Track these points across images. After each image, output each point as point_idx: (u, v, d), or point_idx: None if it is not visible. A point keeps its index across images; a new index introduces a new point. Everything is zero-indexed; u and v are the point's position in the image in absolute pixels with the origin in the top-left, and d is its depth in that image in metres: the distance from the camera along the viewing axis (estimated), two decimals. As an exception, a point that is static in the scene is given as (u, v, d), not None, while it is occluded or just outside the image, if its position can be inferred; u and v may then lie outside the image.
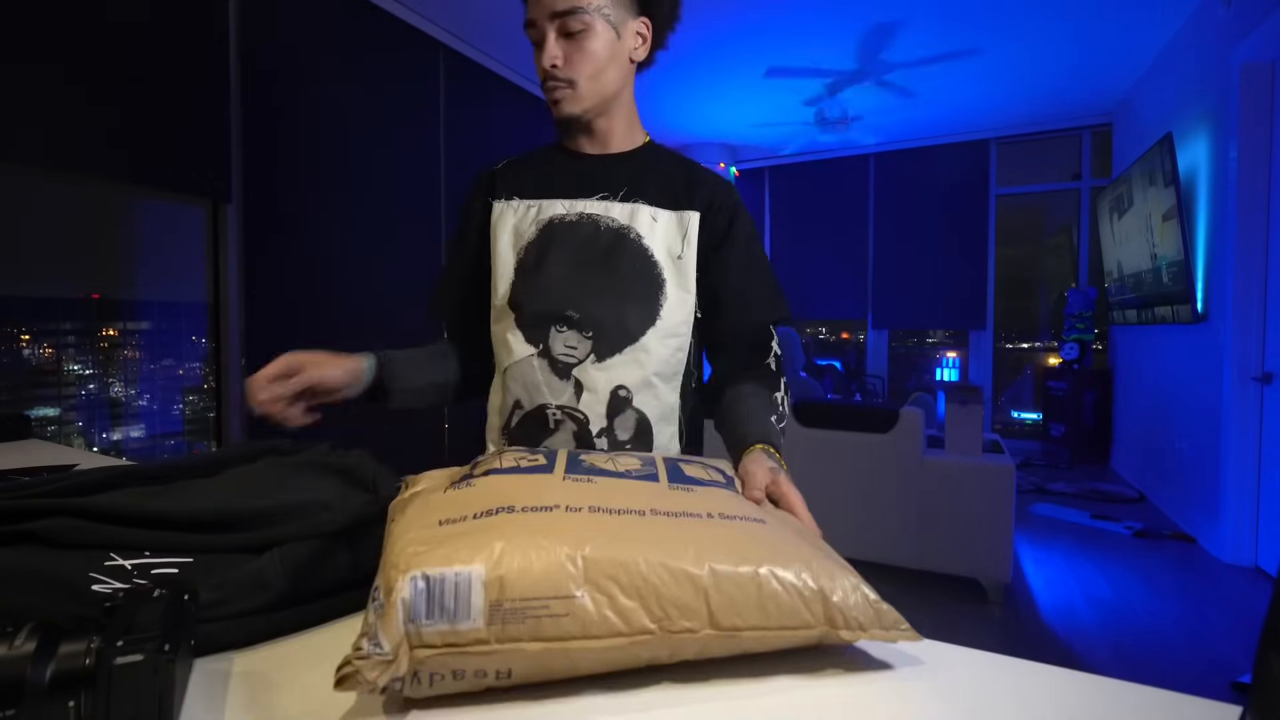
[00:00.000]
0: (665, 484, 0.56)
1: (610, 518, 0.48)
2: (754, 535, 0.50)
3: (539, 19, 0.82)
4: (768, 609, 0.45)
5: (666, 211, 0.89)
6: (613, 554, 0.44)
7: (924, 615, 2.32)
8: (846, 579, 0.48)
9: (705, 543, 0.47)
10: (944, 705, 0.42)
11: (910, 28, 3.54)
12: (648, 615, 0.43)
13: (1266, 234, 2.75)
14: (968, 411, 2.52)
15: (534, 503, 0.48)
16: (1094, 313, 4.84)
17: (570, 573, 0.42)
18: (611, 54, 0.84)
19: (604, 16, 0.82)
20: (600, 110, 0.88)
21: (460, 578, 0.41)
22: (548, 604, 0.41)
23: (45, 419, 2.16)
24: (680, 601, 0.44)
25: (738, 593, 0.45)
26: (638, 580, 0.43)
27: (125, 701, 0.34)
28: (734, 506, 0.54)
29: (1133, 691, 0.43)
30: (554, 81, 0.84)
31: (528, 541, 0.43)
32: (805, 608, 0.46)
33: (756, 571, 0.46)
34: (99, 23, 2.09)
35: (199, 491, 0.59)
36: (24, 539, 0.49)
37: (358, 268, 2.98)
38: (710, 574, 0.45)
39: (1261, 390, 2.76)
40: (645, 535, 0.46)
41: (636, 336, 0.85)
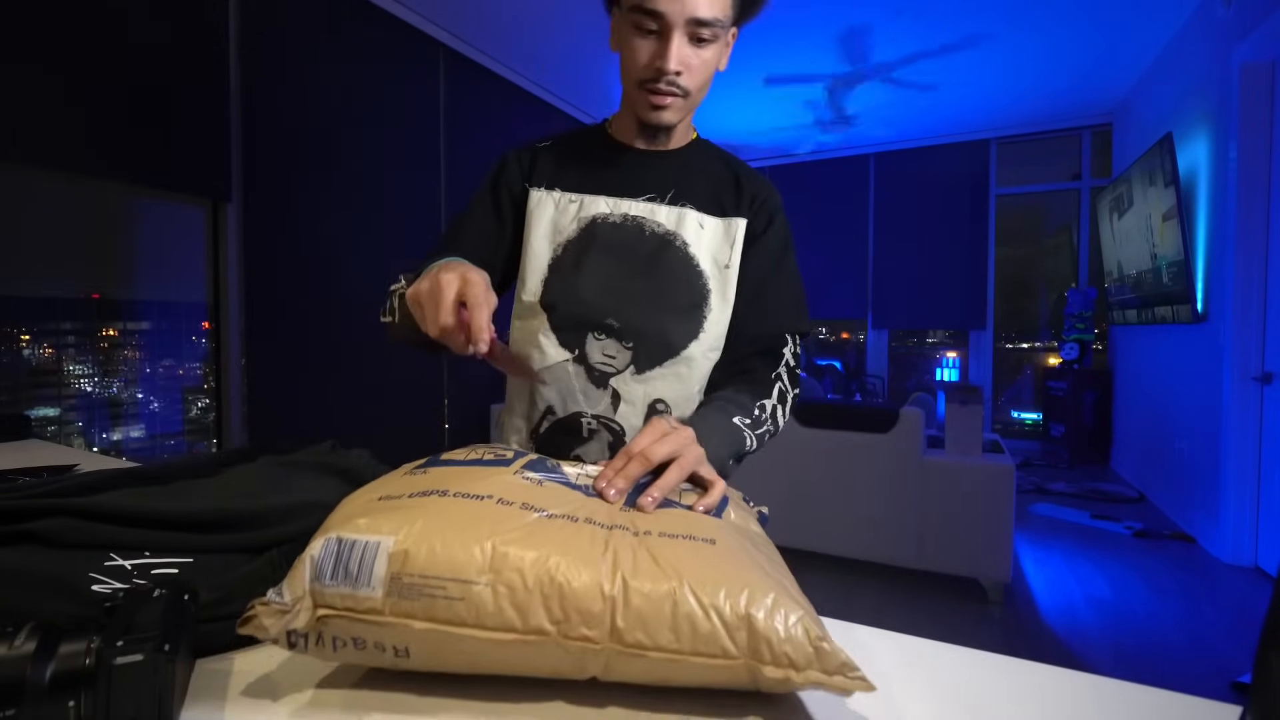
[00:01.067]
0: (618, 502, 0.54)
1: (538, 517, 0.47)
2: (689, 553, 0.46)
3: (672, 15, 0.73)
4: (681, 630, 0.41)
5: (714, 219, 0.85)
6: (523, 549, 0.43)
7: (924, 615, 2.32)
8: (788, 610, 0.41)
9: (626, 554, 0.44)
10: (944, 705, 0.42)
11: (909, 29, 3.54)
12: (546, 616, 0.41)
13: (1266, 234, 2.75)
14: (968, 411, 2.52)
15: (468, 490, 0.48)
16: (1094, 313, 4.84)
17: (475, 559, 0.42)
18: (717, 66, 0.81)
19: (723, 29, 0.77)
20: (685, 118, 0.84)
21: (369, 546, 0.42)
22: (445, 585, 0.41)
23: (45, 419, 2.16)
24: (583, 607, 0.41)
25: (647, 608, 0.41)
26: (543, 579, 0.42)
27: (125, 701, 0.34)
28: (684, 526, 0.50)
29: (1133, 691, 0.43)
30: (670, 86, 0.77)
31: (444, 523, 0.44)
32: (726, 634, 0.41)
33: (673, 588, 0.42)
34: (99, 23, 2.09)
35: (199, 491, 0.59)
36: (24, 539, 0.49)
37: (358, 268, 2.98)
38: (621, 584, 0.42)
39: (1261, 390, 2.76)
40: (565, 539, 0.45)
41: (678, 350, 0.82)
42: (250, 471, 0.65)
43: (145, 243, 2.44)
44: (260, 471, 0.65)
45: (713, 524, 0.52)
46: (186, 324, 2.55)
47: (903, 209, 5.59)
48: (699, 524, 0.51)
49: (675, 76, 0.76)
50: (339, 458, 0.70)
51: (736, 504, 0.60)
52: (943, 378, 5.79)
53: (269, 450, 0.72)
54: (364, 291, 3.04)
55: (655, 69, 0.76)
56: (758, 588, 0.42)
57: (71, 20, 2.02)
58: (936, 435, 2.78)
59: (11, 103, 1.89)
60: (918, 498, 2.51)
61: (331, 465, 0.68)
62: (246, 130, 2.53)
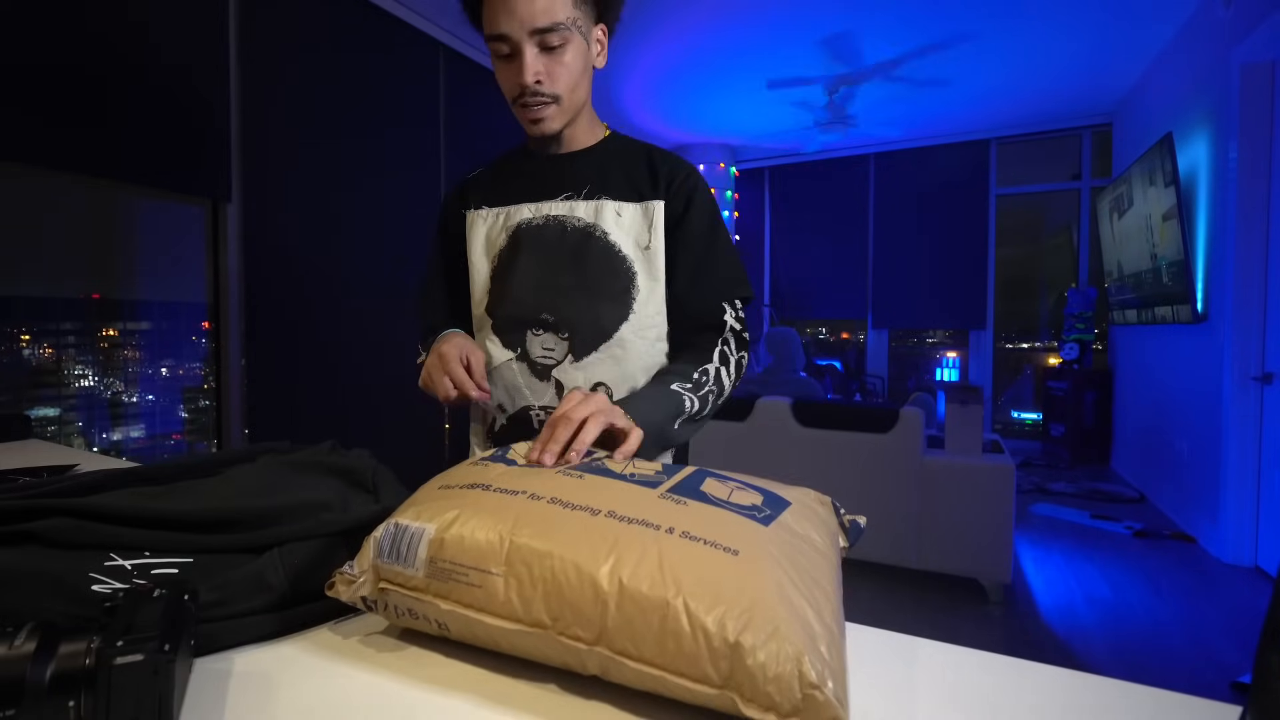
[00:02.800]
0: (659, 491, 0.51)
1: (560, 511, 0.48)
2: (703, 561, 0.42)
3: (514, 33, 0.78)
4: (666, 646, 0.39)
5: (631, 204, 0.89)
6: (536, 544, 0.44)
7: (924, 615, 2.32)
8: (786, 645, 0.37)
9: (633, 554, 0.42)
10: (944, 705, 0.42)
11: (908, 29, 3.54)
12: (545, 611, 0.43)
13: (1266, 234, 2.75)
14: (968, 411, 2.52)
15: (506, 486, 0.52)
16: (1094, 313, 4.84)
17: (495, 551, 0.45)
18: (584, 65, 0.84)
19: (578, 29, 0.81)
20: (572, 120, 0.89)
21: (415, 532, 0.48)
22: (468, 572, 0.45)
23: (45, 419, 2.16)
24: (578, 607, 0.41)
25: (639, 617, 0.40)
26: (546, 574, 0.43)
27: (125, 701, 0.34)
28: (713, 529, 0.45)
29: (1133, 691, 0.43)
30: (537, 98, 0.82)
31: (477, 516, 0.48)
32: (708, 659, 0.38)
33: (666, 599, 0.39)
34: (98, 22, 2.09)
35: (199, 492, 0.59)
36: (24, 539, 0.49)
37: (357, 268, 2.98)
38: (617, 588, 0.41)
39: (1261, 390, 2.76)
40: (579, 533, 0.45)
41: (611, 333, 0.87)
42: (250, 471, 0.65)
43: (145, 243, 2.44)
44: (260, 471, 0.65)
45: (750, 530, 0.47)
46: (186, 324, 2.55)
47: (903, 209, 5.59)
48: (732, 528, 0.46)
49: (537, 86, 0.81)
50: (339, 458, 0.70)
51: (804, 509, 0.53)
52: (943, 378, 5.79)
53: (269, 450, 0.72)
54: (364, 292, 3.04)
55: (518, 86, 0.81)
56: (761, 613, 0.38)
57: (71, 20, 2.02)
58: (936, 435, 2.78)
59: (11, 102, 1.89)
60: (918, 498, 2.51)
61: (331, 465, 0.68)
62: (246, 130, 2.53)
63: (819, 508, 0.55)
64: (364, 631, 0.52)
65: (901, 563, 2.55)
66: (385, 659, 0.48)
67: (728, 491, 0.52)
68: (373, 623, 0.54)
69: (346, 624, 0.54)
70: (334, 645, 0.50)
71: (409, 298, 3.32)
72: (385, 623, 0.54)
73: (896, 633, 0.52)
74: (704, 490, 0.52)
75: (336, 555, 0.58)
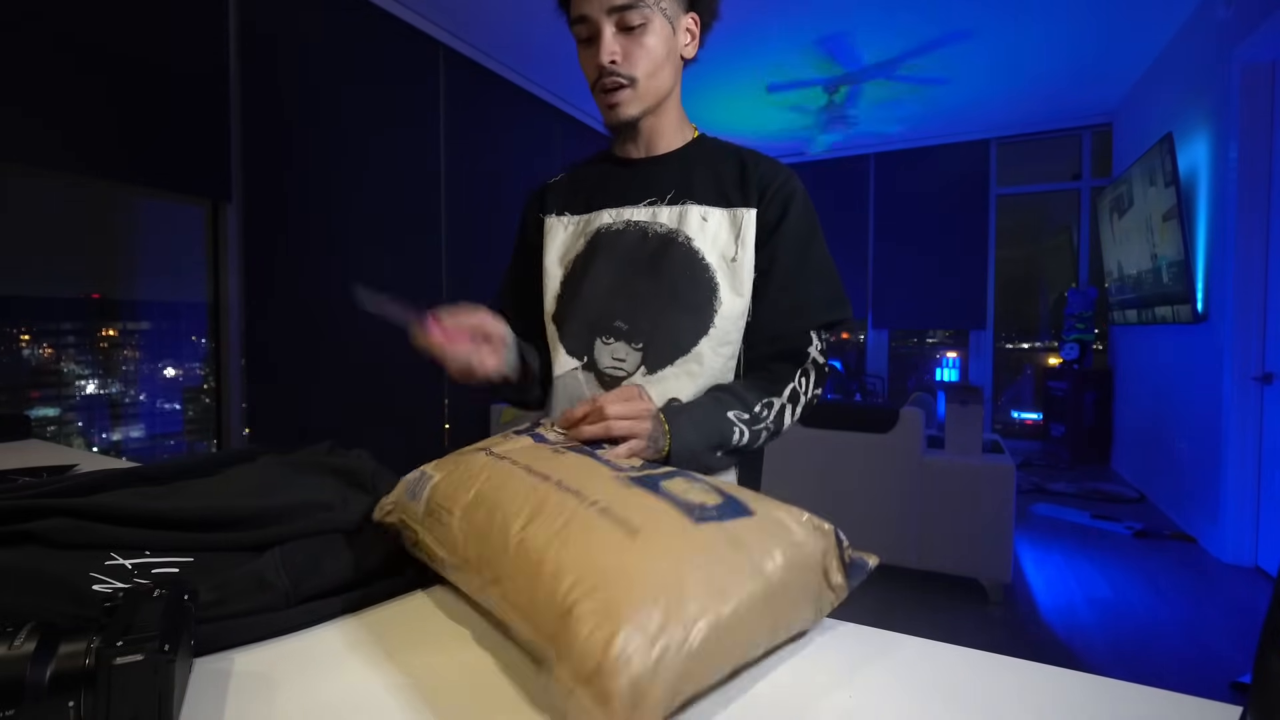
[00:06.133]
0: (614, 474, 0.52)
1: (522, 475, 0.54)
2: (598, 533, 0.43)
3: (593, 13, 0.75)
4: (532, 595, 0.42)
5: (718, 210, 0.82)
6: (487, 495, 0.52)
7: (924, 615, 2.32)
8: (612, 622, 0.35)
9: (546, 516, 0.46)
10: (944, 705, 0.42)
11: (909, 28, 3.54)
12: (472, 549, 0.50)
13: (1266, 234, 2.75)
14: (968, 411, 2.52)
15: (499, 452, 0.60)
16: (1094, 313, 4.84)
17: (462, 499, 0.54)
18: (668, 50, 0.79)
19: (662, 11, 0.77)
20: (653, 110, 0.83)
21: (428, 478, 0.59)
22: (443, 513, 0.55)
23: (45, 419, 2.16)
24: (492, 550, 0.48)
25: (522, 566, 0.44)
26: (482, 520, 0.50)
27: (125, 701, 0.34)
28: (633, 513, 0.45)
29: (1133, 691, 0.43)
30: (613, 79, 0.77)
31: (466, 471, 0.57)
32: (549, 614, 0.39)
33: (544, 556, 0.42)
34: (98, 22, 2.09)
35: (199, 491, 0.59)
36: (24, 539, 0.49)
37: (358, 267, 2.98)
38: (518, 540, 0.46)
39: (1261, 390, 2.76)
40: (521, 493, 0.51)
41: (688, 347, 0.79)
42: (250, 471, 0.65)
43: (145, 243, 2.44)
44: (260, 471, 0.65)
45: (670, 522, 0.44)
46: (186, 324, 2.55)
47: (903, 209, 5.59)
48: (654, 516, 0.44)
49: (613, 66, 0.77)
50: (338, 458, 0.70)
51: (770, 525, 0.48)
52: (943, 378, 5.79)
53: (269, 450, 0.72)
54: (364, 291, 3.04)
55: (596, 67, 0.78)
56: (610, 589, 0.38)
57: (71, 20, 2.02)
58: (936, 435, 2.78)
59: (11, 102, 1.89)
60: (918, 498, 2.51)
61: (331, 465, 0.68)
62: (246, 130, 2.53)
63: (798, 530, 0.49)
64: (364, 631, 0.52)
65: (901, 563, 2.55)
66: (385, 658, 0.48)
67: (685, 489, 0.50)
68: (373, 623, 0.54)
69: (347, 624, 0.54)
70: (334, 645, 0.50)
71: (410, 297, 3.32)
72: (385, 622, 0.54)
73: (896, 633, 0.52)
74: (663, 484, 0.50)
75: (336, 555, 0.58)
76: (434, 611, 0.56)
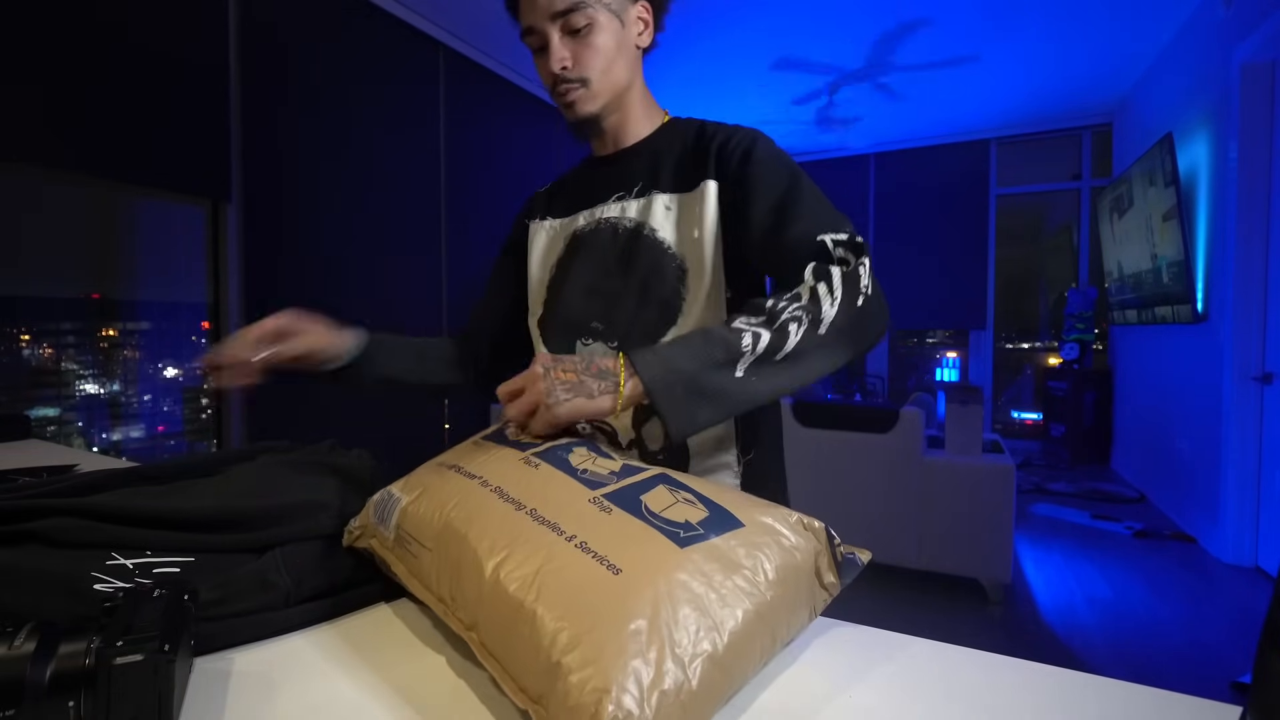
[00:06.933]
0: (593, 494, 0.48)
1: (494, 501, 0.49)
2: (579, 573, 0.40)
3: (537, 23, 0.75)
4: (511, 646, 0.39)
5: (680, 195, 0.80)
6: (458, 527, 0.48)
7: (924, 615, 2.32)
8: (602, 678, 0.34)
9: (521, 554, 0.43)
10: (945, 705, 0.42)
11: (908, 29, 3.54)
12: (447, 589, 0.47)
13: (1266, 234, 2.75)
14: (968, 411, 2.52)
15: (470, 469, 0.55)
16: (1094, 313, 4.84)
17: (432, 529, 0.50)
18: (619, 45, 0.78)
19: (605, 7, 0.76)
20: (614, 106, 0.82)
21: (394, 500, 0.56)
22: (412, 542, 0.52)
23: (45, 419, 2.16)
24: (465, 592, 0.45)
25: (499, 613, 0.41)
26: (454, 556, 0.47)
27: (125, 701, 0.34)
28: (614, 545, 0.42)
29: (1133, 691, 0.43)
30: (565, 84, 0.78)
31: (435, 495, 0.53)
32: (533, 670, 0.37)
33: (522, 602, 0.39)
34: (99, 22, 2.09)
35: (199, 491, 0.59)
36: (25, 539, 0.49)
37: (358, 268, 2.98)
38: (493, 582, 0.42)
39: (1261, 390, 2.76)
40: (494, 525, 0.47)
41: (657, 339, 0.76)
42: (250, 471, 0.65)
43: (145, 243, 2.44)
44: (260, 471, 0.65)
45: (655, 550, 0.42)
46: (186, 324, 2.55)
47: (903, 209, 5.59)
48: (636, 546, 0.42)
49: (564, 72, 0.77)
50: (338, 458, 0.70)
51: (760, 535, 0.46)
52: (943, 378, 5.79)
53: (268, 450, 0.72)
54: (364, 291, 3.04)
55: (549, 76, 0.79)
56: (596, 638, 0.36)
57: (71, 20, 2.02)
58: (936, 435, 2.78)
59: (11, 102, 1.89)
60: (918, 498, 2.51)
61: (331, 465, 0.68)
62: (246, 130, 2.53)
63: (789, 535, 0.48)
64: (364, 631, 0.52)
65: (901, 563, 2.55)
66: (385, 658, 0.48)
67: (667, 504, 0.47)
68: (373, 622, 0.54)
69: (347, 623, 0.54)
70: (334, 645, 0.50)
71: (409, 296, 3.32)
72: (385, 622, 0.54)
73: (896, 633, 0.52)
74: (642, 499, 0.48)
75: (337, 555, 0.58)
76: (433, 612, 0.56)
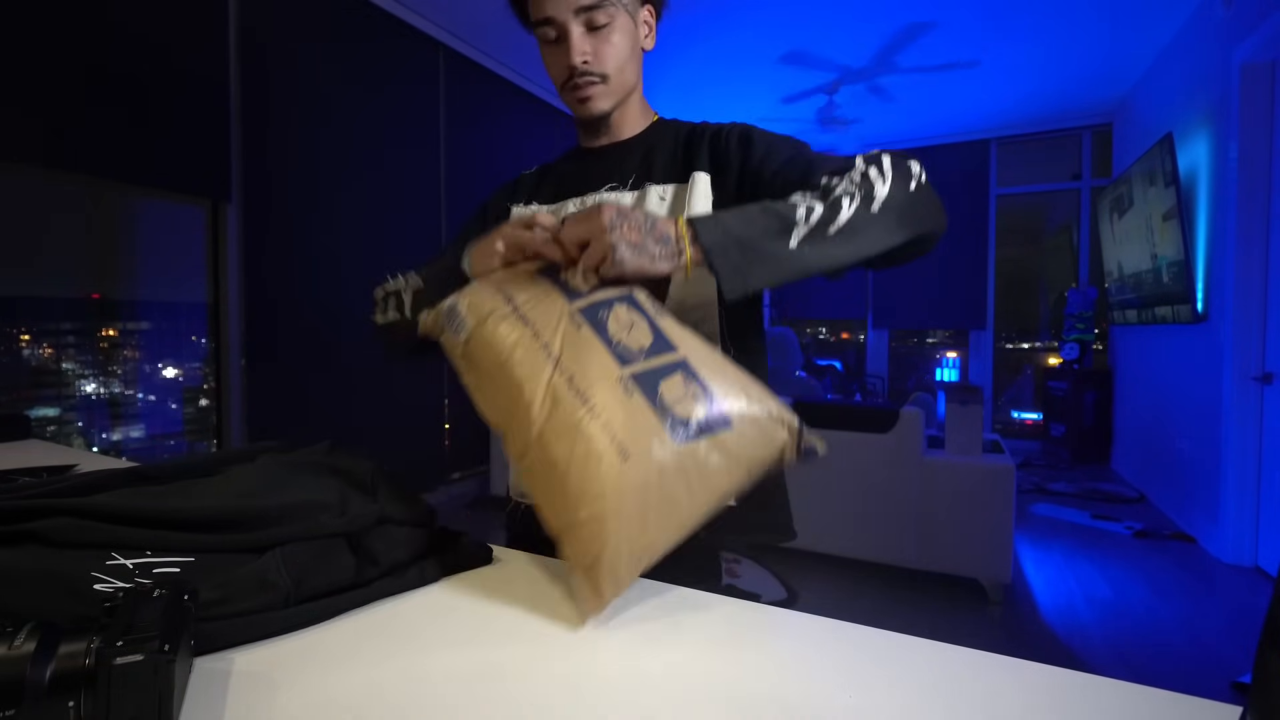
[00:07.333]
0: (623, 372, 0.57)
1: (543, 361, 0.58)
2: (599, 451, 0.52)
3: (559, 14, 0.76)
4: (547, 490, 0.55)
5: (674, 185, 0.82)
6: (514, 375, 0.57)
7: (924, 615, 2.32)
8: (598, 543, 0.50)
9: (559, 420, 0.55)
10: (944, 705, 0.42)
11: (908, 29, 3.54)
12: (503, 422, 0.59)
13: (1266, 234, 2.75)
14: (968, 411, 2.52)
15: (525, 312, 0.61)
16: (1094, 313, 4.84)
17: (494, 364, 0.60)
18: (632, 45, 0.81)
19: (624, 7, 0.78)
20: (621, 105, 0.85)
21: (461, 320, 0.63)
22: (478, 368, 0.62)
23: (45, 419, 2.16)
24: (517, 436, 0.57)
25: (540, 463, 0.55)
26: (508, 403, 0.58)
27: (125, 701, 0.34)
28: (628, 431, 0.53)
29: (1133, 691, 0.43)
30: (586, 78, 0.79)
31: (497, 334, 0.60)
32: (560, 514, 0.53)
33: (556, 463, 0.53)
34: (98, 22, 2.09)
35: (199, 491, 0.59)
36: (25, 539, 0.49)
37: (358, 268, 2.99)
38: (538, 440, 0.55)
39: (1261, 390, 2.76)
40: (542, 387, 0.56)
41: None
42: (250, 471, 0.65)
43: (145, 243, 2.44)
44: (260, 471, 0.65)
45: (659, 440, 0.53)
46: (186, 324, 2.55)
47: (903, 209, 5.59)
48: (645, 434, 0.53)
49: (585, 66, 0.78)
50: (338, 458, 0.70)
51: (747, 428, 0.56)
52: (943, 378, 5.79)
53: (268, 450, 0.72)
54: (364, 292, 3.03)
55: (566, 68, 0.79)
56: (603, 507, 0.50)
57: (71, 20, 2.02)
58: (936, 435, 2.78)
59: (11, 102, 1.90)
60: (918, 498, 2.51)
61: (330, 465, 0.68)
62: (246, 130, 2.53)
63: (770, 429, 0.58)
64: (364, 631, 0.52)
65: (901, 563, 2.55)
66: (385, 658, 0.48)
67: (679, 396, 0.56)
68: (373, 622, 0.54)
69: (348, 623, 0.54)
70: (334, 645, 0.50)
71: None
72: (386, 622, 0.54)
73: (896, 633, 0.52)
74: (660, 388, 0.56)
75: (337, 555, 0.58)
76: (433, 612, 0.56)
